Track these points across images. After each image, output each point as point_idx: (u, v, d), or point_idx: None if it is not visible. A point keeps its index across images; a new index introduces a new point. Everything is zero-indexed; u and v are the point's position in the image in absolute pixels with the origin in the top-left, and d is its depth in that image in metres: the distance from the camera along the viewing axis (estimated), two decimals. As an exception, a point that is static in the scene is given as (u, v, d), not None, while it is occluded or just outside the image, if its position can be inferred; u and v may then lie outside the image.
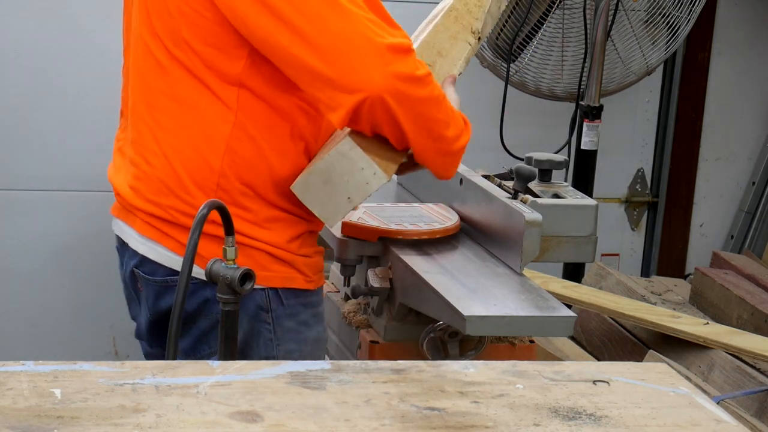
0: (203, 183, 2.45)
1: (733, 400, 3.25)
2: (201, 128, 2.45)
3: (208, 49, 2.42)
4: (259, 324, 2.50)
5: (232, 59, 2.42)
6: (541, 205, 2.69)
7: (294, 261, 2.51)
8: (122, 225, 2.58)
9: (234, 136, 2.45)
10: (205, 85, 2.44)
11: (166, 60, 2.46)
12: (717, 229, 5.00)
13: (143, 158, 2.50)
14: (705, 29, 4.77)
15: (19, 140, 4.18)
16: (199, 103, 2.45)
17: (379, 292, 2.69)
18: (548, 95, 4.38)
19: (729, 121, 4.92)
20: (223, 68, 2.43)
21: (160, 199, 2.48)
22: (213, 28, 2.41)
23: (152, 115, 2.49)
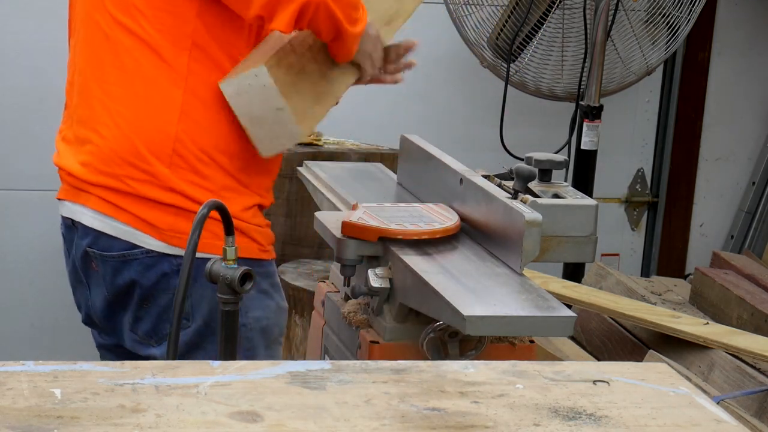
0: (159, 150, 2.46)
1: (733, 400, 3.25)
2: (153, 95, 2.47)
3: (160, 14, 2.46)
4: None
5: (183, 21, 2.45)
6: (541, 205, 2.68)
7: (248, 230, 2.54)
8: (71, 206, 2.60)
9: (186, 101, 2.47)
10: (155, 52, 2.47)
11: (115, 31, 2.48)
12: (717, 229, 5.00)
13: (95, 132, 2.51)
14: (705, 29, 4.77)
15: (19, 140, 4.18)
16: (149, 71, 2.47)
17: (379, 292, 2.68)
18: (548, 95, 4.38)
19: (729, 121, 4.92)
20: (174, 31, 2.46)
21: (114, 169, 2.49)
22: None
23: (102, 88, 2.51)
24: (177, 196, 2.47)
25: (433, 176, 2.97)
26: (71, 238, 2.63)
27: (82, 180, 2.54)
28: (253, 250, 2.56)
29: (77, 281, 2.67)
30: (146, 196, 2.48)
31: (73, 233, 2.61)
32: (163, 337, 2.52)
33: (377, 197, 3.00)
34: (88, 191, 2.54)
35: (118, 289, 2.54)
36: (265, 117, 2.48)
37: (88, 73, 2.54)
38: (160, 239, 2.48)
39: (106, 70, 2.50)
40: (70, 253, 2.67)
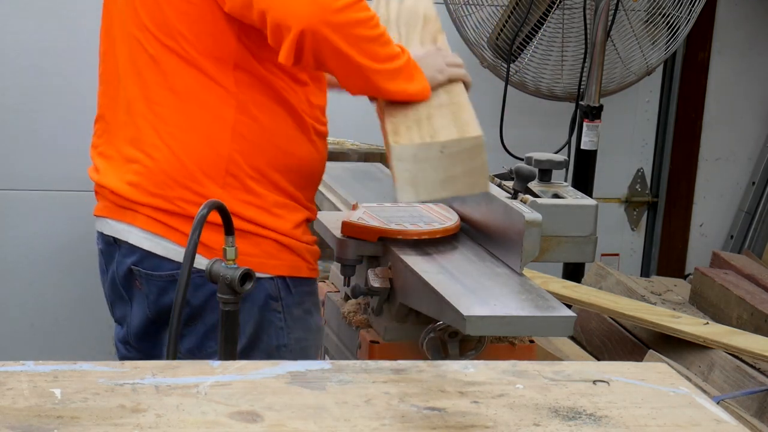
0: (212, 171, 2.45)
1: (733, 400, 3.25)
2: (204, 116, 2.46)
3: (201, 36, 2.44)
4: (270, 313, 2.51)
5: (222, 42, 2.43)
6: (541, 205, 2.69)
7: (299, 249, 2.52)
8: (115, 224, 2.56)
9: (238, 120, 2.46)
10: (202, 72, 2.45)
11: (159, 52, 2.47)
12: (717, 229, 5.00)
13: (144, 153, 2.49)
14: (705, 29, 4.77)
15: (19, 140, 4.18)
16: (199, 91, 2.46)
17: (379, 292, 2.68)
18: (548, 95, 4.38)
19: (729, 121, 4.92)
20: (216, 53, 2.44)
21: (165, 191, 2.47)
22: (203, 15, 2.43)
23: (151, 109, 2.49)
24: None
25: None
26: (111, 255, 2.60)
27: (130, 200, 2.51)
28: (302, 268, 2.54)
29: (117, 297, 2.64)
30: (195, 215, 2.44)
31: (114, 250, 2.58)
32: (208, 354, 2.50)
33: (377, 197, 3.00)
34: (136, 210, 2.50)
35: (162, 308, 2.50)
36: (458, 174, 2.30)
37: (135, 93, 2.51)
38: (211, 258, 2.45)
39: (155, 91, 2.48)
40: (108, 268, 2.63)
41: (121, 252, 2.56)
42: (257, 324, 2.50)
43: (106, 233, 2.60)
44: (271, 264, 2.48)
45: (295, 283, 2.53)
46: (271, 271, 2.49)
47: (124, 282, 2.59)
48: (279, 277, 2.51)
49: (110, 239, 2.60)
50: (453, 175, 2.25)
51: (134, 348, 2.65)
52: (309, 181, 2.58)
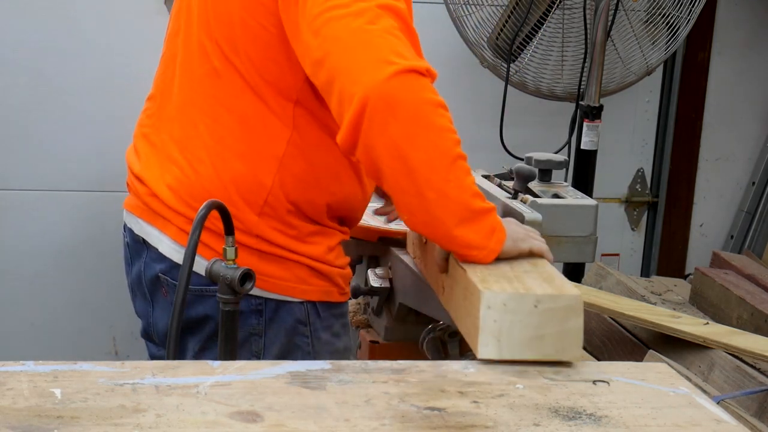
0: (251, 198, 2.39)
1: (733, 400, 3.24)
2: (255, 143, 2.39)
3: (268, 63, 2.36)
4: (297, 337, 2.47)
5: (290, 75, 2.35)
6: (541, 205, 2.69)
7: (331, 273, 2.46)
8: (146, 225, 2.51)
9: (288, 154, 2.38)
10: (262, 100, 2.37)
11: (224, 68, 2.39)
12: (717, 229, 5.00)
13: (189, 164, 2.43)
14: (705, 29, 4.77)
15: (19, 140, 4.18)
16: (254, 118, 2.38)
17: (379, 292, 2.69)
18: (548, 95, 4.38)
19: (729, 121, 4.92)
20: (280, 83, 2.36)
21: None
22: (275, 43, 2.34)
23: (204, 122, 2.42)
24: (262, 242, 2.40)
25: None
26: (139, 252, 2.55)
27: (166, 204, 2.45)
28: (333, 294, 2.49)
29: (141, 295, 2.60)
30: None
31: (142, 249, 2.53)
32: None
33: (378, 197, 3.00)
34: (169, 219, 2.44)
35: (186, 320, 2.43)
36: (548, 335, 1.97)
37: (191, 99, 2.44)
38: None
39: (211, 104, 2.41)
40: (132, 263, 2.59)
41: (150, 255, 2.52)
42: (284, 347, 2.47)
43: (136, 232, 2.55)
44: (301, 289, 2.43)
45: (324, 308, 2.48)
46: (301, 296, 2.44)
47: (150, 285, 2.54)
48: (309, 301, 2.46)
49: (139, 238, 2.54)
50: (542, 334, 1.97)
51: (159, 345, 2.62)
52: (349, 218, 2.53)
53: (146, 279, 2.55)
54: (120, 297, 4.31)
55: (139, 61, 4.18)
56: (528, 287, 2.01)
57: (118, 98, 4.18)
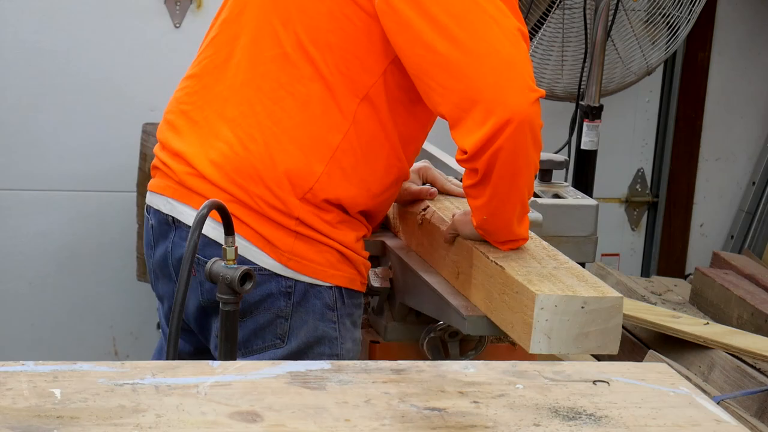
0: (298, 183, 2.43)
1: (733, 400, 3.24)
2: (313, 130, 2.43)
3: (348, 56, 2.41)
4: (325, 323, 2.51)
5: (367, 71, 2.42)
6: (541, 205, 2.69)
7: (357, 262, 2.52)
8: (178, 205, 2.52)
9: (341, 148, 2.44)
10: (329, 90, 2.42)
11: (296, 55, 2.43)
12: (717, 229, 5.00)
13: (240, 141, 2.46)
14: (705, 29, 4.77)
15: (19, 140, 4.18)
16: (318, 106, 2.43)
17: (380, 292, 2.69)
18: (548, 95, 4.38)
19: (729, 121, 4.92)
20: (356, 77, 2.42)
21: (248, 184, 2.44)
22: (360, 37, 2.40)
23: (262, 102, 2.45)
24: (300, 225, 2.45)
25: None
26: (165, 233, 2.56)
27: (208, 180, 2.47)
28: (357, 282, 2.54)
29: (165, 277, 2.61)
30: (271, 217, 2.44)
31: (169, 230, 2.54)
32: (253, 351, 2.50)
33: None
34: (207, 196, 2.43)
35: (215, 299, 2.40)
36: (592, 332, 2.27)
37: (249, 79, 2.47)
38: (277, 259, 2.45)
39: (273, 88, 2.45)
40: (156, 245, 2.59)
41: (179, 235, 2.53)
42: (311, 332, 2.50)
43: (165, 212, 2.55)
44: (330, 273, 2.48)
45: (348, 295, 2.53)
46: (330, 281, 2.48)
47: (177, 265, 2.54)
48: (337, 287, 2.50)
49: (168, 218, 2.55)
50: (587, 332, 2.24)
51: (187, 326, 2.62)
52: (375, 218, 2.60)
53: (173, 259, 2.56)
54: (120, 297, 4.32)
55: (139, 61, 4.18)
56: (572, 287, 2.25)
57: (118, 98, 4.18)
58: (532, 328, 2.20)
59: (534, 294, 2.20)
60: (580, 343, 2.22)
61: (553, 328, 2.20)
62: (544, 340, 2.21)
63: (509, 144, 2.26)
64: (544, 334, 2.21)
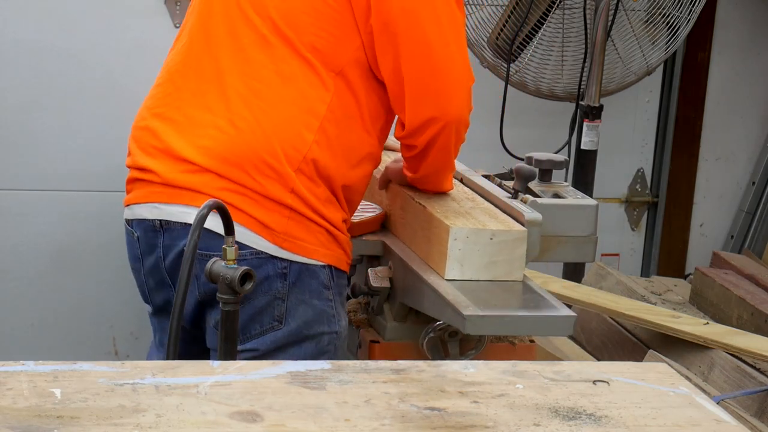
0: (292, 152, 2.53)
1: (733, 400, 3.25)
2: (299, 100, 2.54)
3: (323, 34, 2.55)
4: (322, 302, 2.58)
5: (342, 49, 2.55)
6: (541, 205, 2.69)
7: (344, 242, 2.62)
8: (166, 207, 2.57)
9: (327, 117, 2.55)
10: (310, 66, 2.55)
11: (274, 37, 2.55)
12: (717, 229, 4.99)
13: (228, 122, 2.54)
14: (705, 29, 4.77)
15: (19, 140, 4.18)
16: (302, 80, 2.55)
17: (380, 292, 2.69)
18: (548, 95, 4.37)
19: (729, 121, 4.92)
20: (330, 54, 2.55)
21: (243, 162, 2.52)
22: (334, 16, 2.54)
23: (247, 84, 2.55)
24: (296, 199, 2.53)
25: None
26: (154, 241, 2.61)
27: (199, 166, 2.54)
28: (343, 262, 2.64)
29: (159, 284, 2.65)
30: (267, 194, 2.52)
31: (156, 236, 2.60)
32: (252, 336, 2.57)
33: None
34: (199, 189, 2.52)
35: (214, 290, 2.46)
36: (499, 261, 2.58)
37: (231, 67, 2.58)
38: (272, 241, 2.52)
39: (256, 69, 2.56)
40: (144, 257, 2.64)
41: (169, 235, 2.58)
42: (308, 311, 2.57)
43: (151, 218, 2.60)
44: (322, 252, 2.57)
45: (338, 275, 2.62)
46: (323, 260, 2.57)
47: (170, 267, 2.60)
48: (329, 266, 2.59)
49: (155, 224, 2.59)
50: (495, 261, 2.55)
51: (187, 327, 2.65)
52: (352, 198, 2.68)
53: (166, 263, 2.60)
54: (120, 297, 4.32)
55: (139, 61, 4.18)
56: (483, 223, 2.58)
57: (118, 98, 4.17)
58: (446, 257, 2.53)
59: (449, 227, 2.53)
60: (489, 270, 2.55)
61: (465, 257, 2.53)
62: (458, 267, 2.54)
63: (445, 138, 2.60)
64: (458, 262, 2.53)
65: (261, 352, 2.55)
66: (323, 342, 2.59)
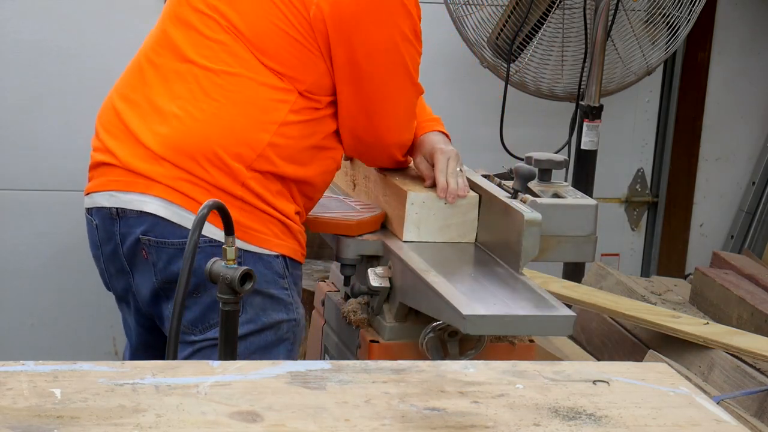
0: (245, 152, 2.58)
1: (733, 400, 3.25)
2: (262, 104, 2.60)
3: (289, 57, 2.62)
4: (278, 290, 2.62)
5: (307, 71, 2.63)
6: (541, 205, 2.69)
7: (297, 233, 2.67)
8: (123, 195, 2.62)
9: (288, 121, 2.61)
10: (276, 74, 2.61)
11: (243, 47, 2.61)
12: (717, 229, 4.99)
13: (188, 113, 2.59)
14: (705, 29, 4.77)
15: (19, 140, 4.18)
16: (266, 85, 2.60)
17: (379, 292, 2.69)
18: (548, 95, 4.37)
19: (729, 121, 4.92)
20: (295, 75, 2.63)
21: (196, 154, 2.57)
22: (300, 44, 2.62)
23: (212, 80, 2.60)
24: (247, 191, 2.59)
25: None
26: (110, 229, 2.66)
27: (156, 154, 2.60)
28: (298, 253, 2.69)
29: (118, 270, 2.71)
30: (218, 185, 2.57)
31: (113, 224, 2.64)
32: (209, 326, 2.60)
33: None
34: (153, 178, 2.59)
35: (170, 277, 2.60)
36: (453, 224, 2.78)
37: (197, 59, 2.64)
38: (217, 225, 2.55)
39: (223, 68, 2.62)
40: (102, 244, 2.71)
41: (126, 223, 2.62)
42: (267, 296, 2.61)
43: (108, 206, 2.65)
44: (276, 243, 2.62)
45: (293, 265, 2.67)
46: (277, 249, 2.62)
47: (128, 253, 2.65)
48: (282, 256, 2.63)
49: (112, 211, 2.64)
50: (449, 224, 2.76)
51: (144, 310, 2.71)
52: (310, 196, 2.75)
53: (125, 249, 2.65)
54: (120, 297, 4.32)
55: (139, 61, 4.18)
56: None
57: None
58: (404, 221, 2.73)
59: (406, 192, 2.74)
60: (444, 233, 2.76)
61: (421, 220, 2.74)
62: (414, 230, 2.74)
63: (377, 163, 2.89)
64: (414, 225, 2.74)
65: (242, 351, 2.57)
66: (282, 330, 2.64)
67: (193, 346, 2.61)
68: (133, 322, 2.78)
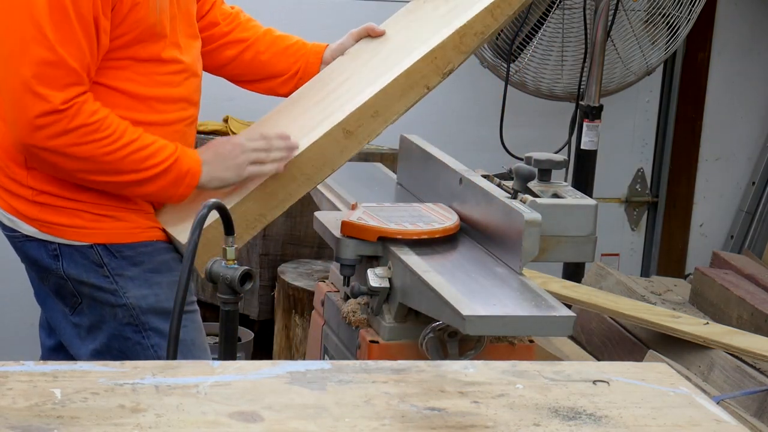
0: (17, 156, 2.57)
1: (733, 400, 3.25)
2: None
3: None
4: (99, 279, 2.64)
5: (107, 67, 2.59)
6: (541, 205, 2.68)
7: (116, 215, 2.64)
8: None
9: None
10: None
11: None
12: (717, 229, 5.00)
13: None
14: (705, 29, 4.77)
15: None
16: None
17: (379, 292, 2.68)
18: (548, 95, 4.38)
19: (729, 121, 4.92)
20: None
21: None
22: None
23: None
24: (36, 193, 2.60)
25: (432, 176, 2.97)
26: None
27: None
28: (124, 235, 2.65)
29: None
30: (12, 190, 2.62)
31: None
32: (72, 313, 2.67)
33: (377, 197, 3.00)
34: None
35: (47, 274, 2.67)
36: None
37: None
38: (32, 225, 2.63)
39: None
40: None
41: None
42: (91, 288, 2.62)
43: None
44: (84, 233, 2.60)
45: (116, 249, 2.62)
46: (87, 240, 2.61)
47: None
48: (99, 244, 2.61)
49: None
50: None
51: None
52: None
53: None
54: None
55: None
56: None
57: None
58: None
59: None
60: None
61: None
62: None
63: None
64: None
65: (84, 328, 2.65)
66: (119, 316, 2.63)
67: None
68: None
